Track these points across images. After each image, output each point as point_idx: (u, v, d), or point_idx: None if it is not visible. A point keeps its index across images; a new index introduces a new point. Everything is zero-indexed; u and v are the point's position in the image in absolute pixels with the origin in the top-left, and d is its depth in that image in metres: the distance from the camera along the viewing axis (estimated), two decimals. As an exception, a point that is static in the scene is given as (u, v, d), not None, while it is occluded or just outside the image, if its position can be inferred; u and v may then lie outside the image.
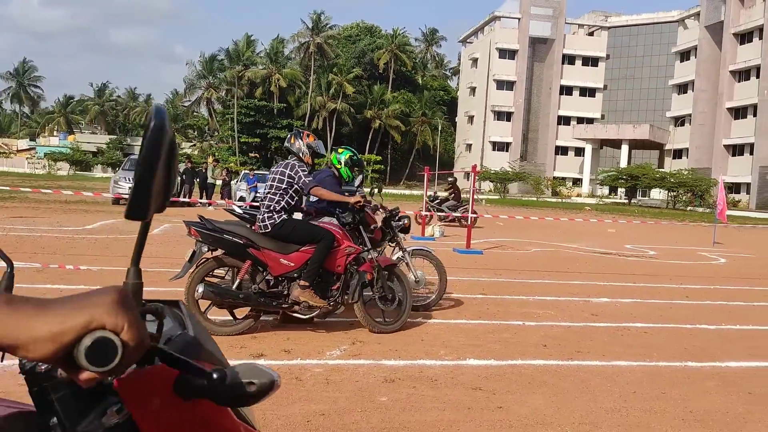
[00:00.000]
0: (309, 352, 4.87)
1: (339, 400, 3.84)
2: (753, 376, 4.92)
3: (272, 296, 5.27)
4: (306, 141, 5.70)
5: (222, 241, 5.14)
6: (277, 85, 64.77)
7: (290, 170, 5.51)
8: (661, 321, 6.81)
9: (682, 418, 3.89)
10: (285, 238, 5.32)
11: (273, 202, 5.43)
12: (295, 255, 5.29)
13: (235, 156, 63.31)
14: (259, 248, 5.21)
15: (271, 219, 5.36)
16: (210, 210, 21.88)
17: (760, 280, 10.82)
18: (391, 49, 71.98)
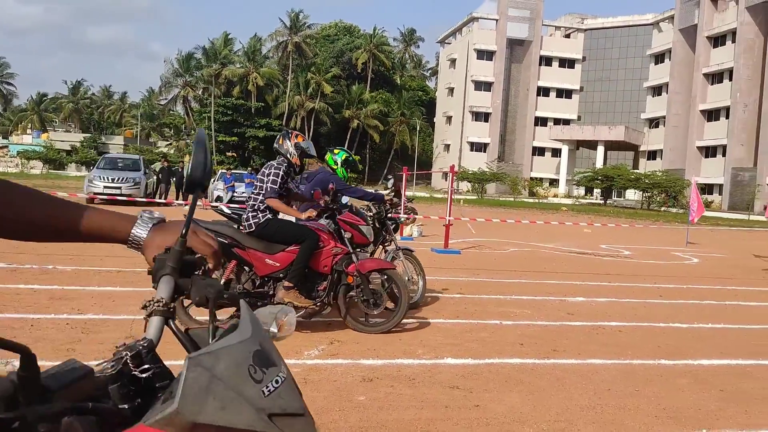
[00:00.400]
0: (286, 351, 4.86)
1: (317, 400, 3.84)
2: (725, 374, 5.02)
3: (257, 296, 5.22)
4: (294, 141, 5.64)
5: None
6: (254, 84, 64.41)
7: (268, 169, 5.51)
8: (636, 320, 6.91)
9: (655, 415, 3.96)
10: (270, 237, 5.28)
11: (257, 201, 5.39)
12: (280, 255, 5.26)
13: (212, 155, 62.80)
14: (244, 248, 5.18)
15: (255, 218, 5.32)
16: (186, 210, 21.70)
17: (731, 280, 11.02)
18: (369, 49, 72.00)
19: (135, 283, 7.32)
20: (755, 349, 5.93)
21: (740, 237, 24.00)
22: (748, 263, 14.17)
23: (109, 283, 7.27)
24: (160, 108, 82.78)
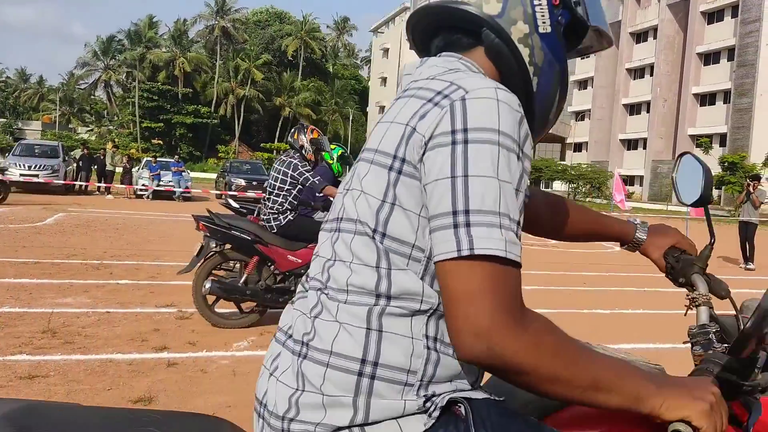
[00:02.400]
0: (215, 344, 4.74)
1: (246, 392, 3.76)
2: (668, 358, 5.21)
3: (279, 292, 5.30)
4: (309, 137, 5.63)
5: (230, 237, 5.15)
6: (181, 69, 62.55)
7: (293, 170, 5.43)
8: (561, 307, 7.11)
9: (579, 398, 4.07)
10: (293, 236, 5.36)
11: (277, 203, 5.39)
12: (302, 252, 5.33)
13: (136, 142, 60.71)
14: (266, 244, 5.25)
15: (277, 220, 5.36)
16: (109, 198, 20.91)
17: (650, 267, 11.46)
18: (300, 36, 71.14)
19: (52, 275, 6.99)
20: (672, 333, 6.20)
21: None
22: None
23: (25, 274, 6.91)
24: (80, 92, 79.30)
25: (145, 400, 3.52)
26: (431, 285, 0.98)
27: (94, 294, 6.17)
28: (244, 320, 5.32)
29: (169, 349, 4.52)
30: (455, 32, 1.12)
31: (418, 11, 1.14)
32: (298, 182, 5.43)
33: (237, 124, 65.09)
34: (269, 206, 5.42)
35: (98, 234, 11.08)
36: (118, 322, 5.19)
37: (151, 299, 6.10)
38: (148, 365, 4.15)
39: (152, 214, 15.75)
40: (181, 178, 22.07)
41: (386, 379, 0.94)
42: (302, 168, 5.44)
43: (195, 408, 3.46)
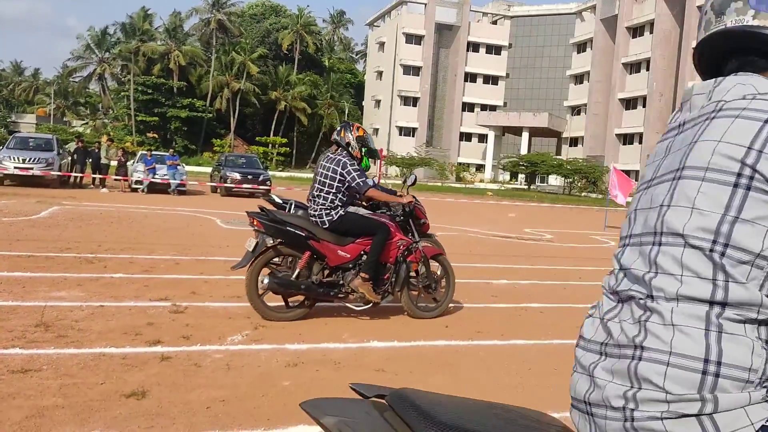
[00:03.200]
0: (209, 338, 4.73)
1: (240, 386, 3.75)
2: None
3: (329, 286, 5.46)
4: (356, 134, 5.73)
5: (284, 233, 5.29)
6: (176, 62, 62.24)
7: (342, 168, 5.51)
8: (557, 301, 7.12)
9: (574, 392, 4.07)
10: (344, 232, 5.49)
11: (327, 201, 5.49)
12: (351, 247, 5.48)
13: (131, 136, 60.49)
14: (318, 240, 5.38)
15: (329, 216, 5.46)
16: (104, 192, 20.84)
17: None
18: (296, 30, 70.84)
19: (45, 268, 6.96)
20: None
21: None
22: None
23: (18, 268, 6.88)
24: (74, 86, 78.84)
25: (139, 394, 3.50)
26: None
27: (87, 287, 6.15)
28: (292, 314, 5.45)
29: (163, 342, 4.51)
30: (751, 54, 1.20)
31: (717, 34, 1.21)
32: (347, 180, 5.51)
33: (232, 117, 64.87)
34: (320, 203, 5.51)
35: (92, 227, 11.04)
36: (112, 315, 5.17)
37: (146, 293, 6.08)
38: (142, 359, 4.14)
39: (147, 208, 15.71)
40: (176, 171, 22.00)
41: (730, 377, 1.01)
42: (350, 167, 5.54)
43: (189, 402, 3.45)
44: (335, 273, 5.51)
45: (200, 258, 8.48)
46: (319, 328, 5.26)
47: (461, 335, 5.34)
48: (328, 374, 4.09)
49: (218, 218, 14.33)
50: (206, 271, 7.53)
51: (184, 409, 3.35)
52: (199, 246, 9.61)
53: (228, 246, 9.83)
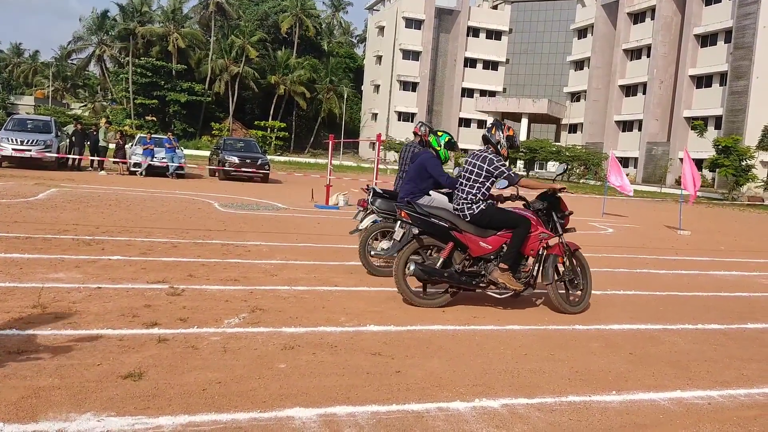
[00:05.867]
0: (206, 320, 4.74)
1: (236, 368, 3.77)
2: (634, 338, 5.26)
3: (471, 275, 5.72)
4: (506, 134, 5.94)
5: (430, 225, 5.64)
6: (175, 45, 61.84)
7: (488, 164, 5.74)
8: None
9: (568, 377, 4.10)
10: (486, 224, 5.74)
11: (471, 194, 5.76)
12: (492, 239, 5.73)
13: (130, 119, 60.24)
14: (461, 231, 5.68)
15: (471, 209, 5.73)
16: (102, 174, 20.79)
17: (642, 249, 11.55)
18: (295, 13, 70.33)
19: (43, 250, 6.96)
20: (663, 314, 6.24)
21: (652, 208, 25.18)
22: (659, 233, 14.89)
23: (16, 249, 6.88)
24: (74, 68, 78.35)
25: (135, 375, 3.52)
26: None
27: (85, 269, 6.15)
28: (437, 301, 5.73)
29: (160, 325, 4.52)
30: None
31: None
32: (492, 175, 5.76)
33: (231, 101, 64.57)
34: (463, 197, 5.80)
35: (90, 210, 11.03)
36: (109, 297, 5.17)
37: (143, 275, 6.08)
38: (139, 341, 4.15)
39: (145, 191, 15.68)
40: (174, 154, 21.93)
41: None
42: (497, 162, 5.76)
43: (185, 384, 3.46)
44: (477, 263, 5.77)
45: (198, 241, 8.47)
46: (316, 311, 5.27)
47: (457, 320, 5.35)
48: (324, 357, 4.10)
49: (216, 202, 14.31)
50: (204, 254, 7.53)
51: (181, 391, 3.36)
52: (196, 229, 9.61)
53: (225, 229, 9.83)
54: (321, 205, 15.16)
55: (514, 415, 3.41)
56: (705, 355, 4.89)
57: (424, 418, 3.27)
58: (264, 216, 12.21)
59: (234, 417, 3.10)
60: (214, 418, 3.08)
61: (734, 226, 19.30)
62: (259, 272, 6.71)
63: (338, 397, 3.47)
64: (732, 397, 3.98)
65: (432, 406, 3.45)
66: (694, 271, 9.50)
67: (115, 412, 3.05)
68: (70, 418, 2.95)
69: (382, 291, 6.26)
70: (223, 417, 3.09)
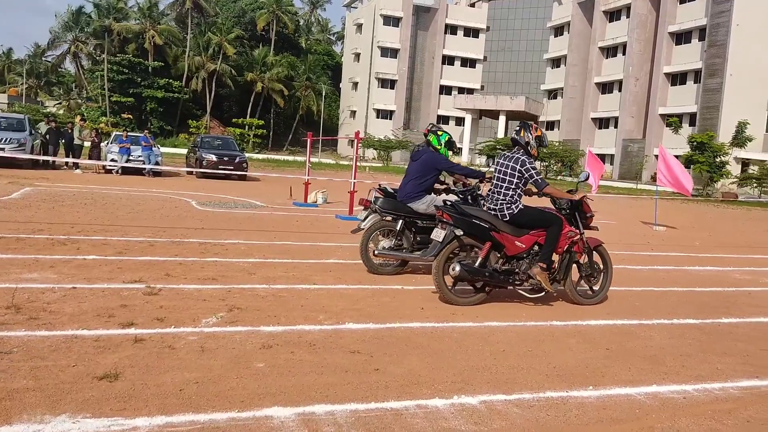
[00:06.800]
0: (183, 320, 4.70)
1: (214, 368, 3.74)
2: (610, 333, 5.31)
3: (507, 273, 5.92)
4: (534, 135, 6.08)
5: (470, 225, 5.78)
6: (151, 42, 61.16)
7: (521, 166, 5.92)
8: (531, 283, 7.18)
9: (546, 373, 4.13)
10: (522, 224, 5.95)
11: (507, 196, 5.96)
12: (526, 238, 5.94)
13: (106, 116, 59.44)
14: (498, 231, 5.86)
15: (510, 209, 5.93)
16: (77, 173, 20.51)
17: (618, 245, 11.67)
18: (272, 10, 69.92)
19: (17, 250, 6.85)
20: (638, 310, 6.32)
21: (629, 204, 25.47)
22: (635, 229, 15.07)
23: (-13, 250, 6.75)
24: (48, 65, 77.08)
25: (111, 376, 3.47)
26: None
27: (60, 269, 6.06)
28: (473, 299, 5.91)
29: (137, 325, 4.47)
30: None
31: None
32: (525, 177, 5.94)
33: (208, 98, 64.03)
34: (501, 198, 5.98)
35: (65, 209, 10.87)
36: (85, 297, 5.11)
37: (119, 275, 6.01)
38: (115, 341, 4.10)
39: (121, 190, 15.50)
40: (151, 153, 21.70)
41: None
42: (529, 164, 5.94)
43: (162, 384, 3.43)
44: (510, 262, 5.96)
45: (175, 240, 8.40)
46: (294, 310, 5.25)
47: (436, 317, 5.37)
48: (303, 356, 4.09)
49: (194, 200, 14.19)
50: (181, 253, 7.46)
51: (157, 392, 3.33)
52: (174, 228, 9.52)
53: (203, 228, 9.75)
54: (300, 202, 15.10)
55: (493, 411, 3.43)
56: (680, 349, 4.96)
57: (403, 416, 3.28)
58: (242, 214, 12.14)
59: (212, 417, 3.08)
60: (192, 418, 3.05)
61: (709, 222, 19.61)
62: (237, 271, 6.67)
63: (317, 395, 3.46)
64: (707, 391, 4.04)
65: (411, 403, 3.46)
66: (670, 266, 9.64)
67: (90, 414, 3.01)
68: (45, 420, 2.91)
69: (361, 289, 6.26)
70: (200, 417, 3.07)
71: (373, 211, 7.14)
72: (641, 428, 3.37)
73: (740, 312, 6.55)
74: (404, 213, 7.08)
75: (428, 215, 7.06)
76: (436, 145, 7.28)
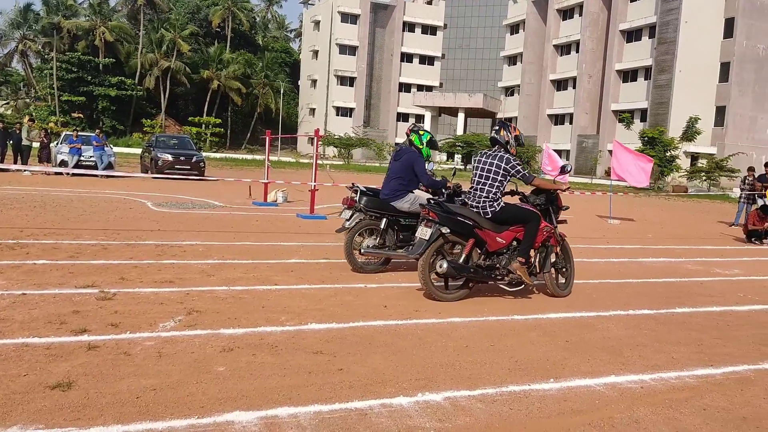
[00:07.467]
0: (139, 325, 4.58)
1: (172, 374, 3.65)
2: (570, 326, 5.39)
3: (489, 269, 6.06)
4: (513, 134, 6.24)
5: (455, 222, 5.90)
6: (102, 39, 59.70)
7: (506, 164, 6.05)
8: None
9: (508, 367, 4.16)
10: (503, 221, 6.09)
11: (491, 194, 6.08)
12: (506, 233, 6.09)
13: (55, 116, 57.82)
14: (482, 228, 5.99)
15: (492, 207, 6.06)
16: (26, 175, 19.89)
17: (574, 239, 11.86)
18: (228, 7, 69.00)
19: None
20: (595, 302, 6.43)
21: (584, 199, 25.93)
22: (590, 223, 15.35)
23: (-69, 257, 6.48)
24: (-6, 63, 74.47)
25: (64, 385, 3.36)
26: None
27: (8, 275, 5.85)
28: (456, 295, 6.03)
29: (90, 331, 4.33)
30: None
31: None
32: (509, 174, 6.08)
33: (163, 97, 62.86)
34: (483, 195, 6.09)
35: (14, 212, 10.51)
36: (35, 304, 4.94)
37: (71, 279, 5.83)
38: (67, 349, 3.96)
39: (73, 191, 15.08)
40: (103, 153, 21.18)
41: None
42: (514, 161, 6.08)
43: (117, 392, 3.33)
44: (491, 258, 6.10)
45: (130, 242, 8.20)
46: (255, 311, 5.17)
47: (400, 315, 5.36)
48: (264, 358, 4.03)
49: (149, 201, 13.89)
50: (136, 255, 7.29)
51: (113, 400, 3.23)
52: (128, 230, 9.30)
53: (159, 229, 9.55)
54: (259, 202, 14.93)
55: (457, 407, 3.43)
56: (637, 340, 5.06)
57: (368, 416, 3.25)
58: (200, 214, 11.93)
59: (170, 424, 3.00)
60: (149, 426, 2.97)
61: (661, 215, 20.11)
62: (195, 273, 6.54)
63: (280, 398, 3.40)
64: (663, 380, 4.12)
65: (375, 402, 3.43)
66: (625, 258, 9.84)
67: (43, 425, 2.90)
68: (-7, 434, 2.79)
69: (323, 288, 6.21)
70: (158, 425, 2.98)
71: (357, 210, 7.16)
72: (601, 419, 3.42)
73: (693, 302, 6.72)
74: (388, 212, 7.15)
75: (410, 213, 7.18)
76: (418, 144, 7.37)
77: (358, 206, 7.11)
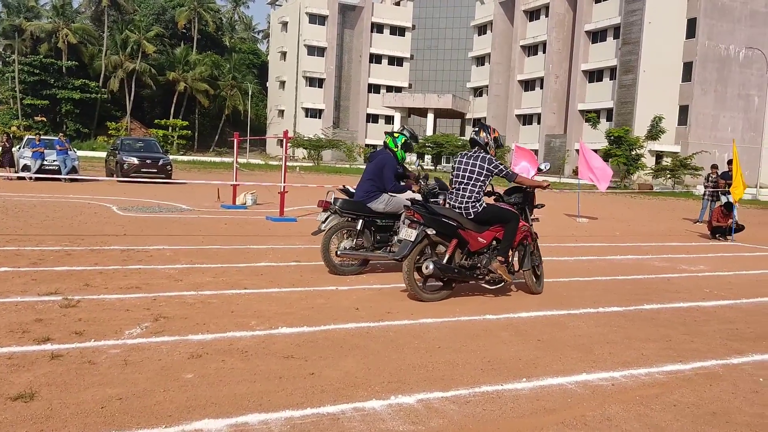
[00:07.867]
0: (104, 332, 4.46)
1: (139, 382, 3.56)
2: (541, 325, 5.41)
3: (471, 268, 6.14)
4: (493, 136, 6.36)
5: (440, 223, 5.95)
6: (65, 41, 58.55)
7: (488, 164, 6.15)
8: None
9: (481, 368, 4.15)
10: (485, 221, 6.16)
11: (473, 194, 6.16)
12: (487, 233, 6.18)
13: (17, 120, 56.52)
14: (464, 229, 6.06)
15: (474, 208, 6.14)
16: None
17: (543, 237, 11.96)
18: (193, 7, 68.24)
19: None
20: (566, 300, 6.47)
21: (552, 197, 26.20)
22: (559, 222, 15.50)
23: None
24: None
25: (27, 396, 3.25)
26: None
27: (-33, 284, 5.67)
28: (440, 295, 6.11)
29: (53, 340, 4.21)
30: None
31: None
32: (492, 174, 6.18)
33: (128, 99, 61.88)
34: (466, 195, 6.16)
35: (-27, 219, 10.22)
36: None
37: (33, 287, 5.67)
38: (30, 358, 3.84)
39: (36, 197, 14.73)
40: (67, 157, 20.73)
41: None
42: (496, 161, 6.19)
43: (82, 402, 3.23)
44: (472, 257, 6.17)
45: (95, 248, 8.02)
46: (224, 316, 5.08)
47: (371, 317, 5.32)
48: (234, 364, 3.95)
49: (115, 205, 13.63)
50: (101, 261, 7.13)
51: (77, 411, 3.13)
52: (93, 235, 9.10)
53: (125, 234, 9.37)
54: (228, 205, 14.76)
55: (430, 409, 3.41)
56: (607, 337, 5.10)
57: (340, 420, 3.21)
58: (167, 218, 11.74)
59: (137, 434, 2.92)
60: (116, 437, 2.88)
61: (627, 213, 20.42)
62: (162, 278, 6.42)
63: (250, 405, 3.34)
64: (634, 377, 4.16)
65: (347, 406, 3.39)
66: (593, 256, 9.95)
67: (2, 439, 2.80)
68: (-50, 450, 2.68)
69: (293, 292, 6.14)
70: (125, 435, 2.90)
71: (333, 212, 7.14)
72: (573, 417, 3.42)
73: (660, 298, 6.81)
74: (364, 213, 7.14)
75: (386, 214, 7.22)
76: (392, 147, 7.43)
77: (334, 208, 7.10)
